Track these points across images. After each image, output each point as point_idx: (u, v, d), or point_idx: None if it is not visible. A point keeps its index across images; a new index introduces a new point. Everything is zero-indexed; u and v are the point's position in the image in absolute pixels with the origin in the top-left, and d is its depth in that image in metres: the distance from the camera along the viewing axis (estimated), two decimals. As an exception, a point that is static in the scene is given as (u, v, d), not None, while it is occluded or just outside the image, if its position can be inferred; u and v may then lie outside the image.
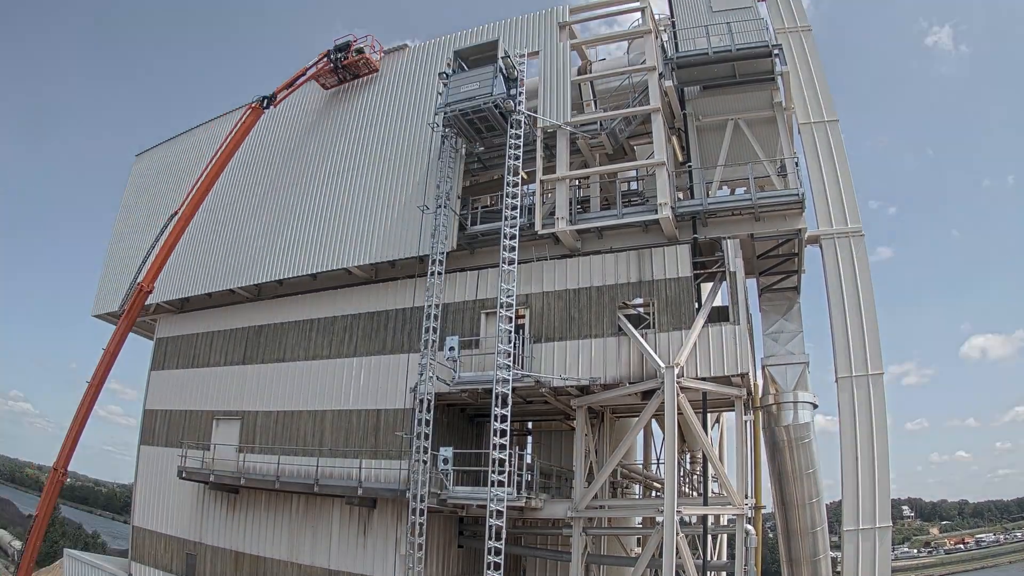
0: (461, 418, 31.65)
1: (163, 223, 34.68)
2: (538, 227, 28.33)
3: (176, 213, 34.10)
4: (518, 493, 25.51)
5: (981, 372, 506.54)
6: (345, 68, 36.31)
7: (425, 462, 26.39)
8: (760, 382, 28.17)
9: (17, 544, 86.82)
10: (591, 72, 31.86)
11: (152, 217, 42.32)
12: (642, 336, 26.00)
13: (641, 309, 27.96)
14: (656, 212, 26.75)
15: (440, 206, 28.94)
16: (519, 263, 27.54)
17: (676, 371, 24.71)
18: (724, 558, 37.62)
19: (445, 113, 29.30)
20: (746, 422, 26.38)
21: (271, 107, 36.06)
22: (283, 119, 38.30)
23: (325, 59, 36.38)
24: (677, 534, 24.04)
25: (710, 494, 27.58)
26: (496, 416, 25.25)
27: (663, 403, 24.82)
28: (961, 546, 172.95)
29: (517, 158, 28.35)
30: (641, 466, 39.25)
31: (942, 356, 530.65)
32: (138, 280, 34.17)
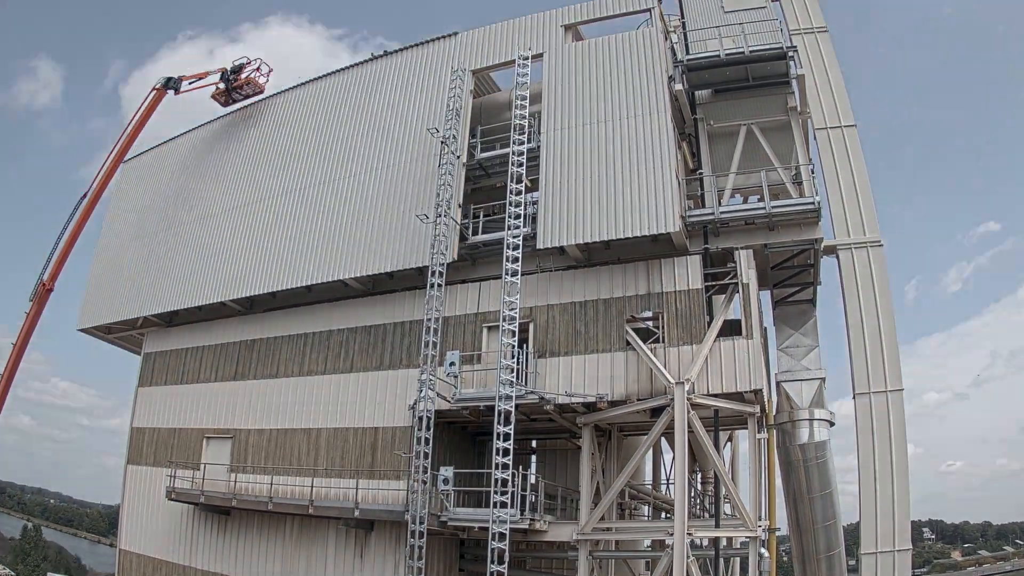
0: (462, 436, 31.62)
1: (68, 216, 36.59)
2: (540, 242, 28.24)
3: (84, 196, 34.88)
4: (521, 515, 25.48)
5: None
6: (235, 89, 40.81)
7: (425, 482, 26.39)
8: (774, 399, 28.14)
9: None
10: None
11: (138, 226, 42.46)
12: (651, 351, 26.00)
13: (650, 323, 27.97)
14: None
15: (440, 215, 28.96)
16: (523, 274, 27.59)
17: (686, 387, 24.72)
18: (737, 583, 37.56)
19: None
20: (760, 440, 26.35)
21: (174, 92, 40.21)
22: (275, 124, 38.41)
23: (220, 77, 40.87)
24: (688, 557, 24.03)
25: (722, 515, 27.53)
26: (498, 434, 25.26)
27: (673, 420, 24.83)
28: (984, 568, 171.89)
29: (520, 166, 28.42)
30: (650, 486, 39.20)
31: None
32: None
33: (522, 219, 27.86)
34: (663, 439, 32.33)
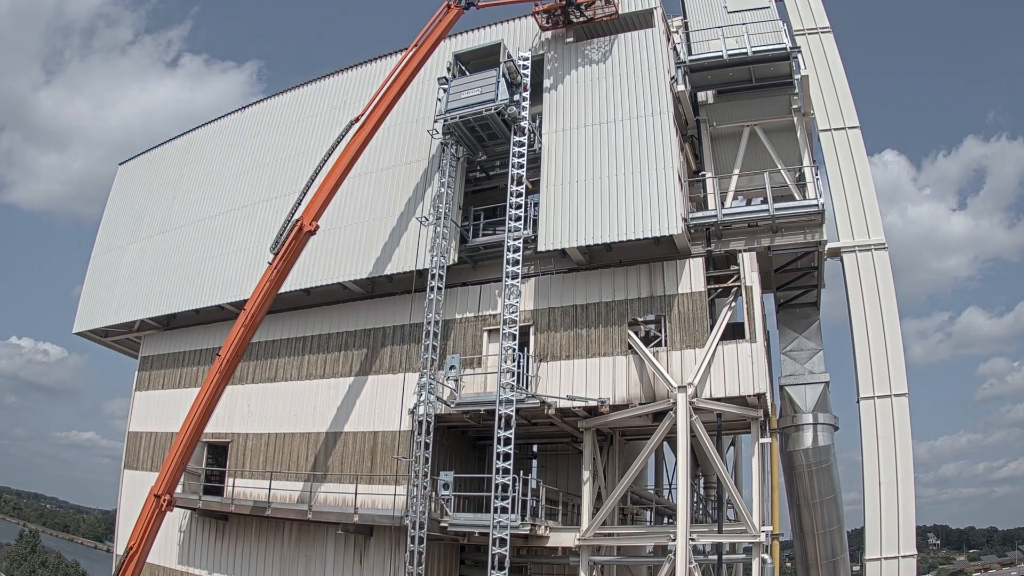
0: (463, 441, 31.60)
1: (332, 143, 28.84)
2: (541, 244, 28.17)
3: (358, 119, 28.69)
4: (522, 520, 25.49)
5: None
6: (578, 7, 30.00)
7: (425, 487, 26.38)
8: (778, 403, 28.12)
9: None
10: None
11: (138, 228, 42.42)
12: (653, 354, 26.00)
13: (652, 326, 27.95)
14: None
15: (440, 217, 28.94)
16: (523, 277, 27.60)
17: (689, 391, 24.72)
18: (740, 589, 37.53)
19: (445, 120, 29.37)
20: (763, 445, 26.33)
21: (472, 7, 30.36)
22: (273, 125, 38.37)
23: None
24: (690, 563, 24.01)
25: (725, 520, 27.51)
26: (499, 439, 25.25)
27: (675, 425, 24.83)
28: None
29: (521, 167, 28.41)
30: (652, 491, 39.18)
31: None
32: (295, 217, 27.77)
33: (523, 221, 27.86)
34: (665, 443, 32.29)
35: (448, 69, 30.69)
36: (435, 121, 30.29)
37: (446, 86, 30.14)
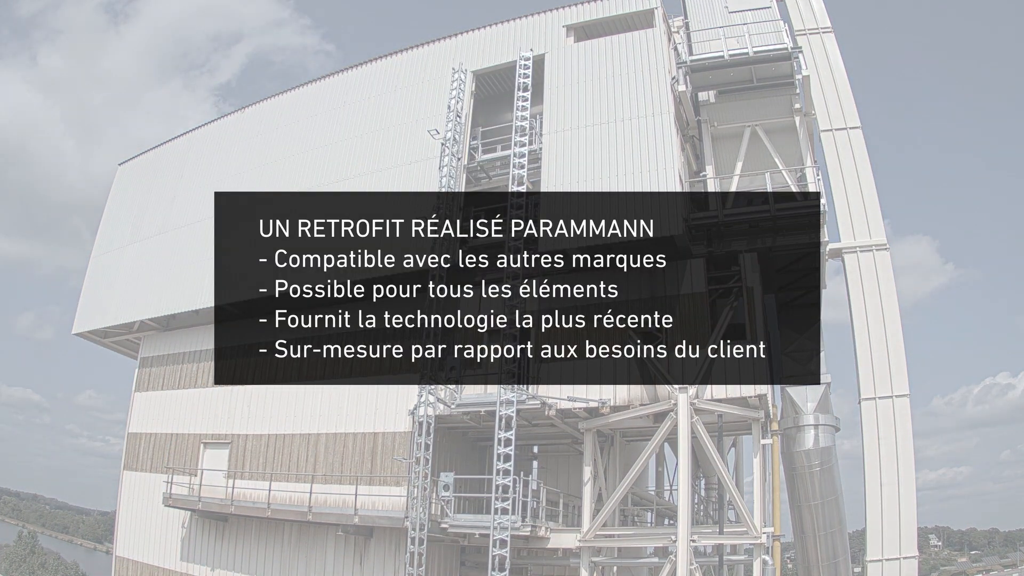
0: (463, 442, 31.60)
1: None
2: (541, 244, 28.14)
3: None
4: (523, 521, 25.51)
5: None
6: None
7: (425, 488, 26.39)
8: (779, 404, 28.10)
9: None
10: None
11: (138, 228, 42.36)
12: (654, 355, 25.99)
13: (653, 327, 27.91)
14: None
15: (440, 218, 28.92)
16: (524, 278, 27.57)
17: (690, 392, 24.73)
18: (741, 590, 37.52)
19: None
20: (764, 446, 26.33)
21: None
22: (272, 126, 38.35)
23: None
24: (691, 564, 24.02)
25: (726, 522, 27.52)
26: (499, 440, 25.26)
27: (676, 426, 24.83)
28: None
29: (521, 167, 28.42)
30: (653, 492, 39.17)
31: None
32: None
33: (523, 221, 27.85)
34: (666, 444, 32.30)
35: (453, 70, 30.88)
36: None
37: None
